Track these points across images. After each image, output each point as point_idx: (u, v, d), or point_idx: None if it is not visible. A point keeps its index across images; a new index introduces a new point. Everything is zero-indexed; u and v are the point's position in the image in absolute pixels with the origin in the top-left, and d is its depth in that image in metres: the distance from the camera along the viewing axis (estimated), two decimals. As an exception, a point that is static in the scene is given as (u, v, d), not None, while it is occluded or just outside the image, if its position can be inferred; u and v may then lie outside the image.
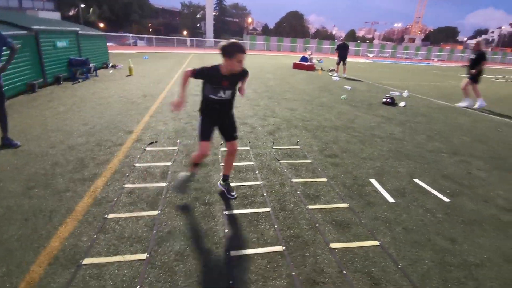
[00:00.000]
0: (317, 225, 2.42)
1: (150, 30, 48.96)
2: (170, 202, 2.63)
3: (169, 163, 3.39)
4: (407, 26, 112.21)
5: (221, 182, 2.85)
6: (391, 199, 2.88)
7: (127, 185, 2.86)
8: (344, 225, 2.45)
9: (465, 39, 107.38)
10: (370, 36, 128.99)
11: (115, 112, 5.38)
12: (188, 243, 2.13)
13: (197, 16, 64.97)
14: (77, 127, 4.46)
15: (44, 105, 5.60)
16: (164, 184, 2.92)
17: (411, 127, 5.47)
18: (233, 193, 2.77)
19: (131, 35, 32.87)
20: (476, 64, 7.14)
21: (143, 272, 1.84)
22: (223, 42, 2.29)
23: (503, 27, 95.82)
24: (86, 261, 1.91)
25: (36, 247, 2.00)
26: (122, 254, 1.99)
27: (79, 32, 9.07)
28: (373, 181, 3.25)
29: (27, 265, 1.85)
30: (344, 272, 1.94)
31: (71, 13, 39.48)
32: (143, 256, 1.97)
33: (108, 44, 13.39)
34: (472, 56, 7.34)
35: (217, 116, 2.57)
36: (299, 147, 4.16)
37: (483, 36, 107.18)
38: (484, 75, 8.03)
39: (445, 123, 5.90)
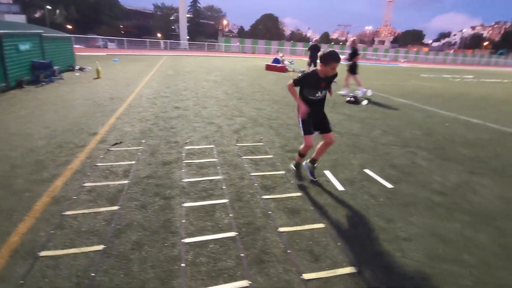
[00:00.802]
0: (269, 212, 2.62)
1: (122, 32, 47.71)
2: (131, 198, 2.73)
3: (133, 162, 3.48)
4: (378, 29, 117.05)
5: (308, 163, 3.27)
6: (341, 187, 3.15)
7: (87, 184, 2.92)
8: (295, 211, 2.67)
9: (430, 41, 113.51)
10: (344, 38, 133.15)
11: (79, 114, 5.34)
12: (145, 234, 2.25)
13: (171, 18, 64.14)
14: (38, 130, 4.41)
15: (5, 109, 5.44)
16: (126, 182, 3.01)
17: (369, 123, 5.85)
18: (316, 178, 3.23)
19: (100, 37, 31.90)
20: (352, 57, 8.50)
21: (99, 261, 1.95)
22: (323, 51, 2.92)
23: (464, 30, 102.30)
24: (44, 253, 1.98)
25: (-8, 244, 2.05)
26: (78, 246, 2.07)
27: (43, 34, 8.80)
28: (327, 172, 3.51)
29: (-18, 261, 1.90)
30: (288, 251, 2.15)
31: (37, 15, 37.66)
32: (100, 247, 2.07)
33: (76, 46, 13.03)
34: (349, 51, 8.75)
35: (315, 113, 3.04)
36: (262, 143, 4.37)
37: (446, 39, 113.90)
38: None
39: (400, 119, 6.36)
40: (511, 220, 2.71)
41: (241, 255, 2.08)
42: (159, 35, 51.90)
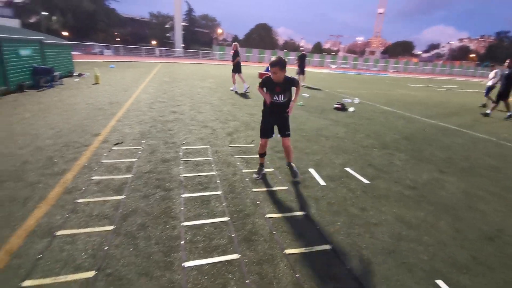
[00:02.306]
0: (258, 202, 2.97)
1: (118, 39, 48.08)
2: (135, 189, 3.05)
3: (134, 159, 3.80)
4: (369, 40, 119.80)
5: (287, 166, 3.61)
6: (323, 182, 3.52)
7: (95, 177, 3.24)
8: (281, 202, 3.02)
9: (420, 52, 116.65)
10: (336, 48, 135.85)
11: (82, 117, 5.64)
12: (148, 218, 2.57)
13: (166, 26, 64.78)
14: (44, 131, 4.70)
15: (9, 111, 5.71)
16: (129, 176, 3.33)
17: (354, 128, 6.28)
18: (298, 177, 3.50)
19: (97, 44, 32.17)
20: (234, 58, 10.37)
21: (110, 238, 2.26)
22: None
23: (452, 42, 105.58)
24: (60, 232, 2.29)
25: (13, 225, 2.35)
26: (91, 227, 2.39)
27: (44, 41, 9.10)
28: (311, 170, 3.88)
29: (6, 238, 2.19)
30: (274, 232, 2.49)
31: (32, 21, 37.82)
32: (110, 227, 2.39)
33: (74, 53, 13.30)
34: (231, 53, 10.59)
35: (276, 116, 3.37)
36: (253, 145, 4.72)
37: (435, 50, 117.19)
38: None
39: (383, 124, 6.81)
40: (469, 210, 3.11)
41: (233, 235, 2.42)
42: (154, 42, 52.38)
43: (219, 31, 77.98)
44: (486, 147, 5.54)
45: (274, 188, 3.29)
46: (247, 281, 1.95)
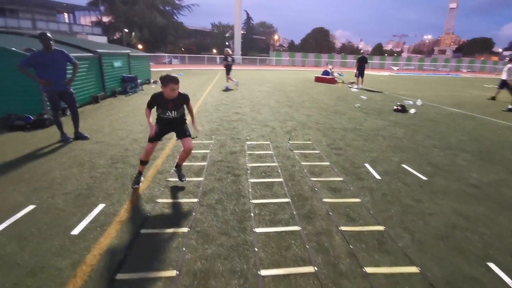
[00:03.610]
0: (316, 189, 3.32)
1: (183, 49, 52.52)
2: (210, 174, 3.66)
3: (207, 151, 4.46)
4: (439, 38, 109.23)
5: (174, 168, 3.43)
6: (378, 176, 3.70)
7: (179, 163, 3.95)
8: (337, 190, 3.32)
9: (500, 50, 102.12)
10: (399, 49, 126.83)
11: (162, 117, 6.63)
12: (223, 195, 3.12)
13: (226, 35, 68.46)
14: (135, 127, 5.72)
15: (107, 112, 7.01)
16: (205, 163, 3.97)
17: (414, 129, 6.16)
18: (183, 179, 3.33)
19: (166, 54, 35.73)
20: (225, 60, 11.70)
21: (196, 207, 2.85)
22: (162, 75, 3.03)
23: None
24: (159, 200, 2.96)
25: (127, 193, 3.10)
26: (181, 199, 3.02)
27: (130, 54, 10.74)
28: (367, 165, 4.07)
29: (124, 201, 2.93)
30: (330, 213, 2.82)
31: (116, 37, 43.84)
32: (195, 200, 2.99)
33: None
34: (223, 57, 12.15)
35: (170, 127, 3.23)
36: (310, 142, 5.06)
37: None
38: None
39: (448, 126, 6.51)
40: (538, 209, 3.00)
41: (294, 213, 2.82)
42: (214, 51, 55.81)
43: (276, 37, 79.40)
44: None
45: (331, 179, 3.60)
46: (307, 246, 2.33)
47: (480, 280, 2.02)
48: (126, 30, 40.88)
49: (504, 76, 10.36)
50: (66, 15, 40.19)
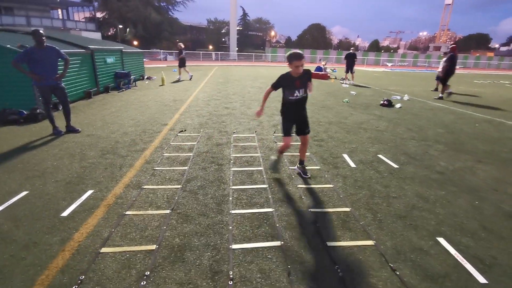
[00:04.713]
0: (293, 176, 3.55)
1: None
2: (195, 163, 3.88)
3: (195, 143, 4.68)
4: (435, 34, 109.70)
5: (298, 165, 3.67)
6: (353, 165, 3.95)
7: (166, 154, 4.16)
8: (312, 177, 3.56)
9: (497, 46, 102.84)
10: (395, 45, 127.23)
11: (153, 111, 6.83)
12: (206, 182, 3.35)
13: (222, 31, 68.29)
14: (127, 121, 5.91)
15: (100, 107, 7.19)
16: (191, 154, 4.19)
17: (396, 122, 6.41)
18: (307, 175, 3.54)
19: (161, 51, 35.68)
20: (179, 56, 13.35)
21: (179, 193, 3.08)
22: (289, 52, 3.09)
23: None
24: (146, 186, 3.18)
25: (115, 181, 3.31)
26: (166, 185, 3.24)
27: (123, 50, 10.88)
28: (345, 155, 4.31)
29: (111, 188, 3.15)
30: (303, 197, 3.06)
31: (110, 33, 43.62)
32: (179, 186, 3.22)
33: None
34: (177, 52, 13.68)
35: (295, 114, 3.37)
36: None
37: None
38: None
39: (429, 119, 6.78)
40: (494, 193, 3.26)
41: (269, 197, 3.05)
42: (210, 47, 55.71)
43: (272, 33, 79.30)
44: (542, 142, 5.25)
45: (308, 167, 3.83)
46: (277, 225, 2.57)
47: (427, 251, 2.27)
48: (121, 26, 40.72)
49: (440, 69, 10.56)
50: (59, 11, 39.92)
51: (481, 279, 2.00)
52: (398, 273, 2.03)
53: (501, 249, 2.33)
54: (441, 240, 2.41)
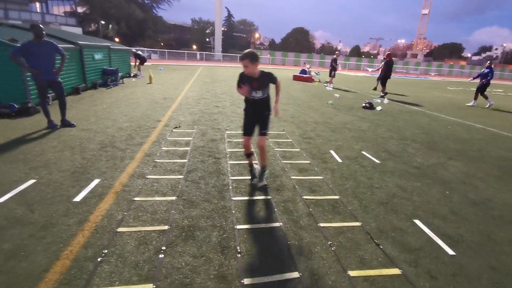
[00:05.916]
0: (286, 169, 3.85)
1: (162, 44, 51.74)
2: (194, 156, 4.10)
3: (190, 138, 4.88)
4: (412, 42, 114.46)
5: (259, 169, 3.44)
6: (340, 160, 4.30)
7: (164, 148, 4.35)
8: (304, 170, 3.88)
9: (469, 55, 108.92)
10: (375, 51, 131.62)
11: (145, 108, 6.94)
12: (205, 173, 3.58)
13: (207, 32, 68.05)
14: (120, 117, 6.01)
15: (90, 103, 7.20)
16: (188, 148, 4.39)
17: (377, 123, 6.89)
18: (263, 182, 3.35)
19: (146, 49, 35.17)
20: (136, 58, 13.91)
21: (182, 182, 3.30)
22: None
23: (505, 45, 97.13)
24: (149, 177, 3.37)
25: (119, 171, 3.48)
26: (168, 175, 3.45)
27: (110, 47, 10.82)
28: (332, 151, 4.67)
29: (117, 178, 3.32)
30: (296, 187, 3.36)
31: (90, 29, 42.41)
32: (181, 176, 3.43)
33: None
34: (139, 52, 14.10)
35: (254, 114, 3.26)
36: (284, 132, 5.61)
37: (487, 53, 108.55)
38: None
39: (406, 121, 7.32)
40: (463, 184, 3.71)
41: (266, 186, 3.33)
42: (194, 47, 55.41)
43: (256, 35, 79.93)
44: (504, 142, 5.87)
45: (299, 162, 4.15)
46: (275, 209, 2.85)
47: (405, 230, 2.63)
48: (103, 22, 39.74)
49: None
50: (38, 4, 38.44)
51: (450, 252, 2.38)
52: (381, 247, 2.36)
53: (466, 229, 2.73)
54: (417, 221, 2.78)
